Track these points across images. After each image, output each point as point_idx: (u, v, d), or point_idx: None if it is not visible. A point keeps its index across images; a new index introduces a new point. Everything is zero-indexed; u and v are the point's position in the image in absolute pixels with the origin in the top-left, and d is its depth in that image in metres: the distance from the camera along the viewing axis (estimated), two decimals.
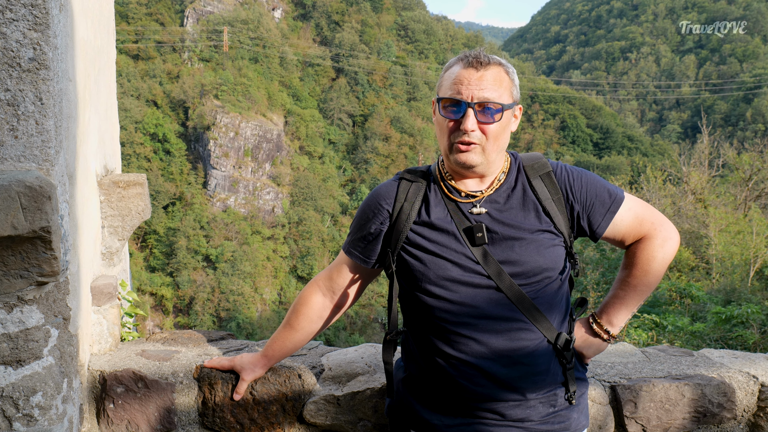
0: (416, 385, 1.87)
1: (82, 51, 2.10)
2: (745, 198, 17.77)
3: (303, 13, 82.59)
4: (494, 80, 1.71)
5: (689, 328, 8.32)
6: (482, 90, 1.69)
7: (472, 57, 1.73)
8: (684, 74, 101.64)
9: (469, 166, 1.73)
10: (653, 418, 2.21)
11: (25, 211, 1.61)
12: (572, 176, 1.82)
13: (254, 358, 2.14)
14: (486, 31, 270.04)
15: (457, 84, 1.71)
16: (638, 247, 1.89)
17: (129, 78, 63.43)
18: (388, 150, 69.06)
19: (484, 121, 1.69)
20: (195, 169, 63.31)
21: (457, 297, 1.73)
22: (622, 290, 1.93)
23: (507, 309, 1.72)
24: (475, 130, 1.69)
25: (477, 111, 1.69)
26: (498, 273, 1.72)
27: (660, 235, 1.87)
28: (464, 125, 1.69)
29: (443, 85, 1.76)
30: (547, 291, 1.76)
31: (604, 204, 1.82)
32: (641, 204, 1.87)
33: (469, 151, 1.71)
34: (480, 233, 1.72)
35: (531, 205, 1.77)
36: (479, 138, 1.70)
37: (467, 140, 1.70)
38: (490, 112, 1.69)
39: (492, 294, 1.72)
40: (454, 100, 1.70)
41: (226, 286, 52.00)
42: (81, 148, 2.07)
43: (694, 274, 14.32)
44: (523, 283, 1.72)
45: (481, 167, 1.75)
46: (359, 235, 1.90)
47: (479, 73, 1.71)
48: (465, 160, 1.72)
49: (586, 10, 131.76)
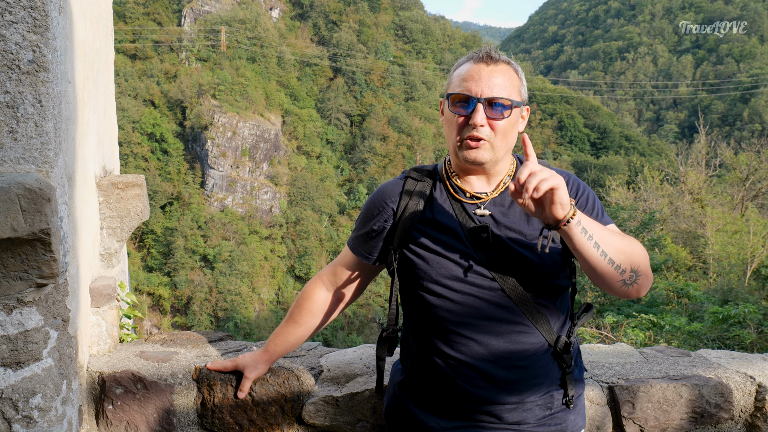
0: (414, 387, 1.87)
1: (81, 53, 2.10)
2: (742, 198, 17.80)
3: (300, 12, 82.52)
4: (504, 77, 1.71)
5: (686, 328, 8.33)
6: (492, 86, 1.69)
7: (482, 53, 1.73)
8: (681, 74, 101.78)
9: (479, 163, 1.73)
10: (651, 418, 2.22)
11: (24, 213, 1.61)
12: (571, 180, 1.83)
13: (256, 356, 2.15)
14: (484, 31, 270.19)
15: (467, 80, 1.71)
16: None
17: (126, 78, 63.31)
18: (385, 150, 69.04)
19: (493, 117, 1.69)
20: (192, 168, 63.22)
21: (459, 297, 1.73)
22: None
23: (508, 311, 1.73)
24: (485, 126, 1.69)
25: (486, 106, 1.69)
26: (502, 275, 1.72)
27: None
28: (474, 120, 1.68)
29: (452, 82, 1.76)
30: (548, 295, 1.76)
31: (595, 213, 1.79)
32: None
33: (479, 148, 1.71)
34: (484, 234, 1.72)
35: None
36: (488, 134, 1.70)
37: (477, 135, 1.70)
38: (500, 108, 1.69)
39: (494, 295, 1.72)
40: (464, 96, 1.70)
41: (223, 285, 51.95)
42: (80, 149, 2.07)
43: (691, 273, 14.33)
44: (524, 286, 1.73)
45: (489, 165, 1.75)
46: (363, 232, 1.91)
47: (489, 68, 1.71)
48: (474, 157, 1.72)
49: (584, 10, 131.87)
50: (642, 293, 1.71)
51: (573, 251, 1.62)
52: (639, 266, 1.66)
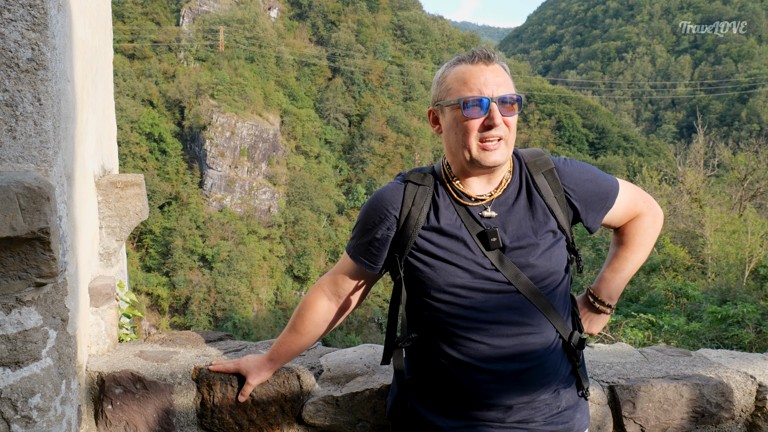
0: (419, 388, 1.85)
1: (80, 51, 2.09)
2: (741, 198, 17.82)
3: (299, 12, 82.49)
4: (503, 74, 1.72)
5: (685, 328, 8.34)
6: (498, 84, 1.69)
7: (479, 52, 1.72)
8: (679, 74, 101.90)
9: (499, 164, 1.72)
10: (651, 418, 2.22)
11: (23, 212, 1.60)
12: (574, 173, 1.83)
13: (260, 362, 2.12)
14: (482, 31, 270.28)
15: (472, 82, 1.69)
16: (633, 225, 1.98)
17: (125, 77, 63.22)
18: (384, 150, 69.04)
19: (507, 114, 1.70)
20: (191, 168, 63.18)
21: (468, 303, 1.71)
22: (618, 263, 2.01)
23: (519, 312, 1.72)
24: (500, 124, 1.69)
25: (500, 105, 1.69)
26: (516, 275, 1.71)
27: (651, 212, 1.97)
28: (494, 120, 1.67)
29: (452, 87, 1.72)
30: (556, 292, 1.76)
31: (601, 200, 1.86)
32: (632, 188, 1.95)
33: (498, 149, 1.70)
34: (494, 238, 1.71)
35: (536, 204, 1.77)
36: (504, 132, 1.70)
37: (498, 135, 1.69)
38: (510, 104, 1.70)
39: (505, 297, 1.71)
40: (477, 98, 1.68)
41: (222, 285, 51.91)
42: (79, 148, 2.06)
43: (690, 273, 14.34)
44: (537, 282, 1.73)
45: (502, 164, 1.75)
46: (365, 240, 1.85)
47: (490, 67, 1.71)
48: (495, 159, 1.71)
49: (582, 10, 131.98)
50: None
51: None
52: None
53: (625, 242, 1.99)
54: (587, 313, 2.04)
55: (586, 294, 2.07)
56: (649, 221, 1.96)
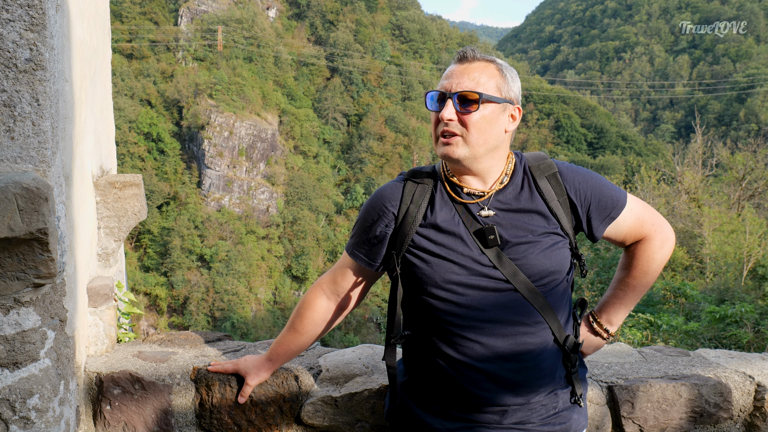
0: (417, 389, 1.85)
1: (79, 51, 2.09)
2: (739, 197, 17.86)
3: (297, 12, 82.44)
4: (479, 73, 1.72)
5: (683, 328, 8.36)
6: (462, 81, 1.71)
7: (461, 52, 1.76)
8: (678, 74, 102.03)
9: (454, 159, 1.73)
10: (650, 418, 2.22)
11: (21, 212, 1.60)
12: (578, 178, 1.82)
13: (258, 362, 2.12)
14: (480, 30, 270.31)
15: (444, 79, 1.75)
16: (638, 248, 1.92)
17: (123, 77, 63.15)
18: (382, 149, 69.03)
19: (463, 111, 1.70)
20: (189, 168, 63.12)
21: (464, 300, 1.71)
22: (621, 290, 1.97)
23: (515, 312, 1.71)
24: (454, 120, 1.70)
25: (458, 101, 1.70)
26: (514, 273, 1.70)
27: (659, 236, 1.91)
28: (442, 114, 1.70)
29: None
30: (554, 293, 1.76)
31: (606, 209, 1.82)
32: (643, 206, 1.90)
33: (451, 144, 1.71)
34: (492, 236, 1.71)
35: (538, 206, 1.77)
36: (460, 129, 1.71)
37: (448, 130, 1.71)
38: (469, 102, 1.70)
39: (503, 296, 1.71)
40: (439, 93, 1.74)
41: (220, 285, 51.87)
42: (77, 148, 2.06)
43: (688, 273, 14.37)
44: (535, 282, 1.72)
45: (467, 162, 1.74)
46: (363, 238, 1.86)
47: (464, 66, 1.74)
48: (447, 153, 1.72)
49: (581, 10, 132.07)
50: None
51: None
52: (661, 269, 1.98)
53: (629, 267, 1.95)
54: (586, 333, 2.02)
55: (589, 312, 2.05)
56: (657, 246, 1.91)
